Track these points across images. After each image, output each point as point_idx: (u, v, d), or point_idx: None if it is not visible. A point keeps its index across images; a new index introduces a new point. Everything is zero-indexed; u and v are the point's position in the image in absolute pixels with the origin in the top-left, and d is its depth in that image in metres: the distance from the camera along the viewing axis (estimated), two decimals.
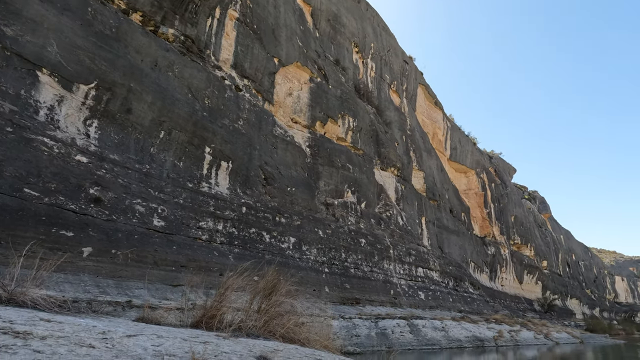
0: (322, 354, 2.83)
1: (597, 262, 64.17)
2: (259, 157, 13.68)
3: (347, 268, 15.32)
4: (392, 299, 16.35)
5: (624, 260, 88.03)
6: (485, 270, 29.11)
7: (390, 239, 18.66)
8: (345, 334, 11.06)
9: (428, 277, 20.09)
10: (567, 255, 47.33)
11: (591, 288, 50.57)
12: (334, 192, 16.85)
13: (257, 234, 12.26)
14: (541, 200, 48.20)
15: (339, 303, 13.78)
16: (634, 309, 60.06)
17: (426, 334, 12.85)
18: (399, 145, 22.74)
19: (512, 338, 15.13)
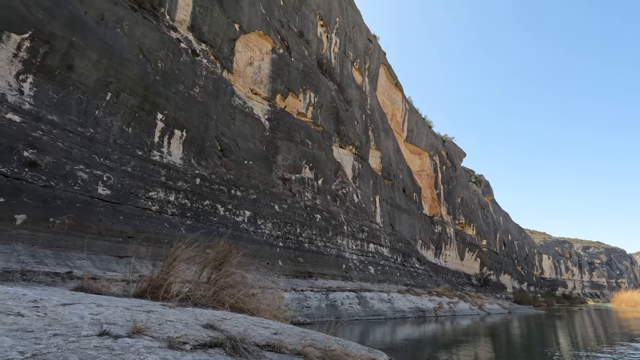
0: (270, 322, 2.89)
1: (529, 242, 70.64)
2: (216, 128, 13.22)
3: (301, 243, 15.57)
4: (344, 273, 16.96)
5: (551, 241, 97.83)
6: (431, 247, 30.95)
7: (345, 216, 19.13)
8: (297, 305, 11.37)
9: (378, 253, 20.99)
10: (504, 235, 51.53)
11: (522, 265, 55.77)
12: (291, 167, 16.81)
13: (211, 207, 12.01)
14: (486, 184, 51.54)
15: (292, 276, 14.05)
16: (556, 283, 67.40)
17: (373, 305, 13.55)
18: (358, 124, 22.98)
19: (450, 309, 16.41)
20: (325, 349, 2.61)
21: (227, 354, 1.98)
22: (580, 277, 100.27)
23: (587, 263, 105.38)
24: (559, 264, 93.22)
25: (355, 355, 2.71)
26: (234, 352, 2.00)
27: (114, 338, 1.62)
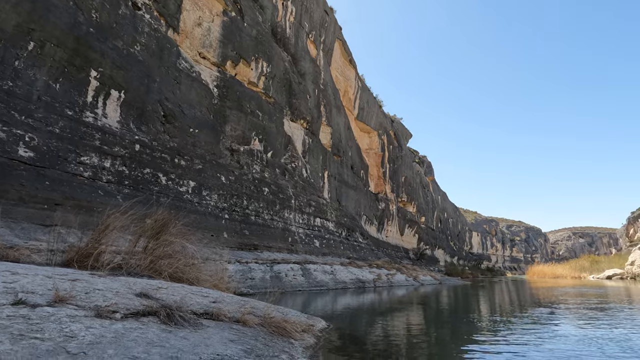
0: (210, 292, 2.86)
1: (462, 220, 76.59)
2: (159, 91, 12.35)
3: (248, 215, 15.43)
4: (290, 245, 17.19)
5: (481, 219, 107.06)
6: (374, 223, 32.33)
7: (293, 190, 19.20)
8: (241, 277, 11.37)
9: (324, 227, 21.51)
10: (441, 213, 55.28)
11: (454, 241, 60.56)
12: (240, 138, 16.35)
13: (152, 175, 11.38)
14: (428, 165, 54.39)
15: (237, 248, 13.97)
16: (482, 258, 74.42)
17: (316, 277, 13.98)
18: (310, 99, 22.78)
19: (388, 280, 17.46)
20: (264, 316, 2.65)
21: (162, 322, 1.93)
22: (502, 252, 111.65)
23: (509, 240, 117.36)
24: (486, 240, 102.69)
25: (293, 322, 2.80)
26: (169, 320, 1.95)
27: (31, 307, 1.50)
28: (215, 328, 2.18)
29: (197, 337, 1.87)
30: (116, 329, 1.61)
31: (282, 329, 2.61)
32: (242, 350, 1.91)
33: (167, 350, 1.57)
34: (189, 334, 1.89)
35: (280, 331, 2.61)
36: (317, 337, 3.25)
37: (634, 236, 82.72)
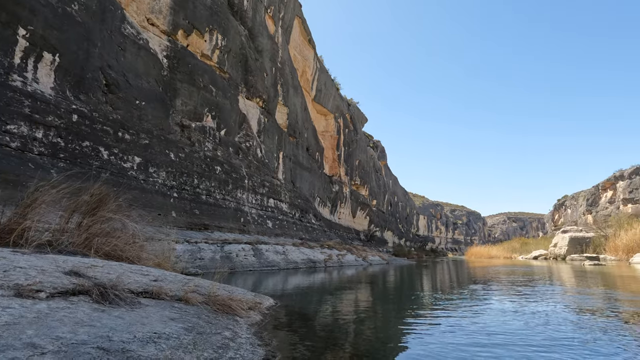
0: (151, 270, 2.74)
1: (411, 204, 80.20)
2: (100, 57, 11.35)
3: (198, 194, 14.94)
4: (242, 226, 16.98)
5: (428, 203, 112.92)
6: (328, 205, 32.83)
7: (247, 170, 18.84)
8: (189, 257, 11.07)
9: (278, 208, 21.46)
10: (392, 196, 57.41)
11: (403, 223, 63.41)
12: (192, 114, 15.62)
13: (92, 149, 10.57)
14: (381, 150, 55.86)
15: (187, 228, 13.54)
16: (427, 239, 78.88)
17: (268, 257, 14.00)
18: (267, 77, 22.22)
19: (338, 260, 17.94)
20: (209, 294, 2.60)
21: (94, 302, 1.82)
22: (445, 234, 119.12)
23: (452, 223, 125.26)
24: (431, 223, 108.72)
25: (240, 300, 2.77)
26: (102, 299, 1.84)
27: None
28: (155, 307, 2.10)
29: (134, 316, 1.79)
30: (39, 309, 1.48)
31: (227, 307, 2.58)
32: (183, 328, 1.86)
33: (98, 329, 1.48)
34: (125, 313, 1.80)
35: (225, 309, 2.58)
36: (264, 314, 3.26)
37: (558, 221, 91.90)
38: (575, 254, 30.60)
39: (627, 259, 22.74)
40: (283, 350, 2.33)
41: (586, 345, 2.71)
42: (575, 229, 38.95)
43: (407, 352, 2.64)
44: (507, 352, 2.53)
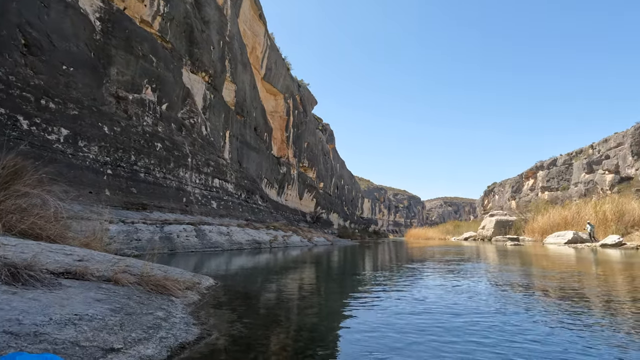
0: (76, 250, 2.53)
1: (357, 187, 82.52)
2: (19, 14, 9.98)
3: (136, 172, 14.03)
4: (184, 206, 16.31)
5: (373, 187, 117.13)
6: (275, 187, 32.64)
7: (190, 147, 17.99)
8: (125, 238, 10.43)
9: (223, 189, 20.88)
10: (338, 180, 58.57)
11: (348, 206, 65.20)
12: (129, 85, 14.44)
13: (8, 117, 9.40)
14: (330, 133, 56.38)
15: (122, 208, 12.71)
16: (370, 222, 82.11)
17: (211, 238, 13.66)
18: (214, 50, 21.13)
19: (284, 241, 18.04)
20: (142, 274, 2.46)
21: (4, 283, 1.63)
22: (388, 217, 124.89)
23: (394, 206, 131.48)
24: (375, 206, 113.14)
25: (176, 280, 2.67)
26: (13, 280, 1.66)
27: None
28: (79, 288, 1.94)
29: (52, 297, 1.64)
30: None
31: (162, 287, 2.47)
32: (110, 310, 1.75)
33: (6, 312, 1.33)
34: (41, 294, 1.64)
35: (160, 289, 2.47)
36: (203, 294, 3.18)
37: (487, 206, 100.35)
38: (499, 236, 33.79)
39: (541, 240, 25.62)
40: (220, 328, 2.30)
41: (502, 313, 3.04)
42: (500, 213, 42.87)
43: (349, 327, 2.74)
44: (436, 320, 2.75)
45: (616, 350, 2.13)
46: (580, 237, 20.98)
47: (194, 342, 1.87)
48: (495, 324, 2.70)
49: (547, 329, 2.58)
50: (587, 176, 64.03)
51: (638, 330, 2.56)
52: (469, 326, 2.65)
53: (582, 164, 65.54)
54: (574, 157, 70.36)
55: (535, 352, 2.08)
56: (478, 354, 2.03)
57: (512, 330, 2.52)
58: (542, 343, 2.24)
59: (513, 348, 2.13)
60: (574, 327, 2.65)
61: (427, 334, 2.44)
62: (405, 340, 2.29)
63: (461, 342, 2.25)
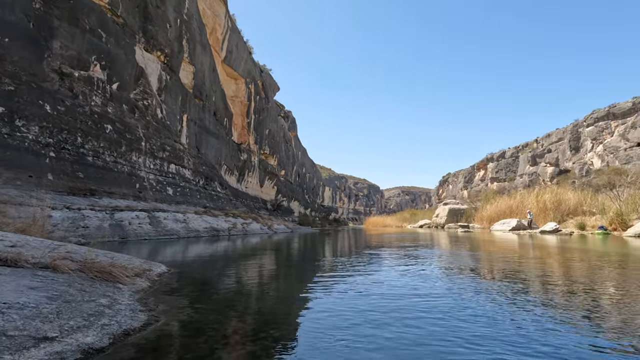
0: (7, 235, 2.32)
1: (318, 176, 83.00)
2: None
3: (83, 155, 13.13)
4: (137, 192, 15.55)
5: (334, 176, 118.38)
6: (235, 173, 32.00)
7: (144, 131, 17.09)
8: (70, 225, 9.79)
9: (180, 174, 20.14)
10: (300, 167, 58.53)
11: (309, 194, 65.51)
12: (74, 61, 13.37)
13: None
14: (292, 120, 55.94)
15: (67, 193, 11.89)
16: (331, 210, 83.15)
17: (166, 225, 13.18)
18: (171, 28, 20.05)
19: (243, 229, 17.82)
20: (85, 261, 2.32)
21: None
22: (348, 205, 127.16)
23: (354, 195, 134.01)
24: (336, 194, 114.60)
25: (124, 266, 2.54)
26: None
27: None
28: (11, 275, 1.79)
29: None
30: None
31: (107, 274, 2.34)
32: (45, 297, 1.63)
33: None
34: None
35: (105, 276, 2.34)
36: (153, 281, 3.06)
37: (442, 195, 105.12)
38: (452, 223, 35.60)
39: (489, 227, 27.34)
40: (169, 314, 2.23)
41: (452, 294, 3.22)
42: (453, 202, 45.10)
43: (306, 309, 2.77)
44: (394, 302, 2.86)
45: (547, 324, 2.33)
46: (523, 224, 22.63)
47: (139, 329, 1.79)
48: (444, 303, 2.86)
49: (484, 305, 2.78)
50: (531, 168, 68.84)
51: (565, 305, 2.82)
52: (417, 304, 2.78)
53: (527, 157, 70.30)
54: (520, 151, 75.28)
55: (470, 321, 2.23)
56: (425, 327, 2.14)
57: (459, 306, 2.69)
58: (478, 315, 2.41)
59: (456, 320, 2.27)
60: (505, 302, 2.88)
61: (381, 313, 2.53)
62: (361, 318, 2.36)
63: (411, 318, 2.36)
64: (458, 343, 1.94)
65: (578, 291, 3.49)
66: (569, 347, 1.89)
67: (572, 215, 21.38)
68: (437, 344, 1.94)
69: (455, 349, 1.85)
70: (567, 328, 2.22)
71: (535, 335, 2.08)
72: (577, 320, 2.41)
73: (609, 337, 2.07)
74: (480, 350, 1.83)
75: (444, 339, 2.01)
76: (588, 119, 58.22)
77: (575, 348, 1.87)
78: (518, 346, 1.90)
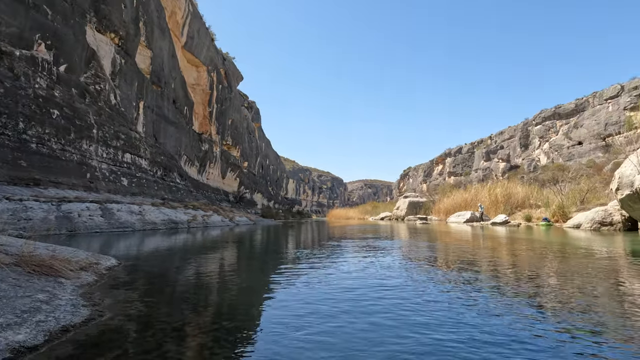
0: None
1: (282, 168, 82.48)
2: None
3: (25, 142, 12.15)
4: (88, 182, 14.66)
5: (298, 168, 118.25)
6: (196, 164, 31.03)
7: (96, 117, 16.07)
8: (10, 217, 9.05)
9: (136, 164, 19.22)
10: (264, 159, 57.83)
11: (273, 186, 64.99)
12: (16, 39, 12.28)
13: None
14: (256, 111, 54.99)
15: (8, 183, 10.99)
16: (295, 202, 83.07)
17: (120, 217, 12.55)
18: (126, 10, 18.90)
19: (203, 221, 17.36)
20: (22, 254, 2.14)
21: None
22: (312, 198, 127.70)
23: (318, 187, 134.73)
24: (300, 187, 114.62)
25: (67, 260, 2.38)
26: None
27: None
28: None
29: None
30: None
31: (47, 268, 2.18)
32: None
33: None
34: None
35: (45, 270, 2.18)
36: (101, 274, 2.90)
37: (402, 188, 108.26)
38: (411, 215, 36.83)
39: (445, 219, 28.59)
40: (116, 309, 2.12)
41: (412, 283, 3.34)
42: (413, 195, 46.61)
43: (264, 300, 2.75)
44: (352, 292, 2.91)
45: (493, 309, 2.48)
46: (476, 216, 23.88)
47: (80, 324, 1.69)
48: (400, 292, 2.96)
49: (437, 290, 2.92)
50: (485, 164, 72.53)
51: (509, 291, 3.02)
52: (372, 293, 2.86)
53: (482, 152, 73.97)
54: (476, 147, 79.00)
55: (423, 305, 2.33)
56: (377, 314, 2.21)
57: (416, 291, 2.79)
58: (434, 301, 2.52)
59: (413, 304, 2.36)
60: (456, 290, 3.03)
61: (340, 301, 2.57)
62: (319, 308, 2.38)
63: (365, 307, 2.42)
64: (405, 329, 2.02)
65: (523, 278, 3.75)
66: (504, 332, 2.02)
67: (520, 208, 22.83)
68: (389, 332, 2.01)
69: (402, 333, 1.93)
70: (509, 311, 2.38)
71: (478, 320, 2.20)
72: (520, 305, 2.58)
73: (548, 318, 2.24)
74: (425, 336, 1.92)
75: (396, 326, 2.08)
76: (537, 118, 62.22)
77: (512, 330, 2.01)
78: (459, 332, 2.00)
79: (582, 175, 27.02)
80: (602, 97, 50.72)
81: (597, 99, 51.48)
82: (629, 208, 12.00)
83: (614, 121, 46.92)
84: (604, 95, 50.56)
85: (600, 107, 50.07)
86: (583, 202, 18.14)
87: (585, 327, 2.05)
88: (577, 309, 2.45)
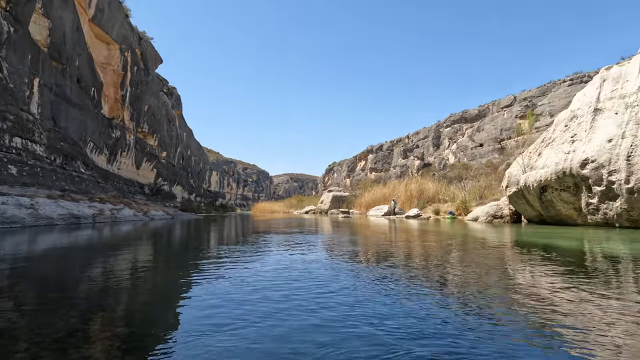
0: None
1: (205, 159, 78.79)
2: None
3: None
4: None
5: (222, 160, 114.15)
6: (105, 153, 28.06)
7: None
8: None
9: (28, 150, 16.71)
10: (185, 150, 54.56)
11: (194, 178, 61.76)
12: None
13: None
14: (177, 98, 51.55)
15: None
16: (218, 195, 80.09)
17: (5, 211, 10.80)
18: None
19: (112, 215, 15.79)
20: None
21: None
22: (236, 191, 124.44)
23: (243, 180, 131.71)
24: (223, 180, 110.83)
25: None
26: None
27: None
28: None
29: None
30: None
31: None
32: None
33: None
34: None
35: None
36: None
37: (327, 183, 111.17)
38: (335, 209, 38.03)
39: (366, 213, 30.09)
40: None
41: (329, 277, 3.40)
42: (337, 189, 48.17)
43: (174, 305, 2.56)
44: (275, 284, 2.86)
45: (401, 298, 2.65)
46: (391, 210, 25.57)
47: None
48: (316, 284, 3.00)
49: (356, 280, 3.03)
50: (403, 161, 77.92)
51: (416, 278, 3.27)
52: (295, 289, 2.86)
53: (400, 150, 79.29)
54: (395, 145, 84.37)
55: (338, 293, 2.40)
56: (297, 306, 2.21)
57: (335, 285, 2.86)
58: (349, 289, 2.61)
59: (330, 296, 2.41)
60: (370, 280, 3.19)
61: (263, 299, 2.51)
62: (238, 307, 2.29)
63: (286, 303, 2.40)
64: (321, 319, 2.05)
65: (431, 267, 4.08)
66: (411, 321, 2.17)
67: (431, 203, 25.01)
68: (309, 323, 2.02)
69: (316, 323, 1.95)
70: (416, 299, 2.57)
71: (385, 309, 2.34)
72: (426, 292, 2.80)
73: (452, 303, 2.46)
74: (337, 326, 1.97)
75: (315, 316, 2.10)
76: (447, 120, 68.70)
77: (416, 316, 2.16)
78: (369, 322, 2.10)
79: (482, 173, 30.56)
80: (499, 105, 57.97)
81: (495, 106, 58.72)
82: (515, 203, 13.93)
83: (507, 127, 53.98)
84: (500, 104, 57.83)
85: (497, 114, 57.18)
86: (481, 197, 20.52)
87: (479, 303, 2.31)
88: (473, 288, 2.74)
